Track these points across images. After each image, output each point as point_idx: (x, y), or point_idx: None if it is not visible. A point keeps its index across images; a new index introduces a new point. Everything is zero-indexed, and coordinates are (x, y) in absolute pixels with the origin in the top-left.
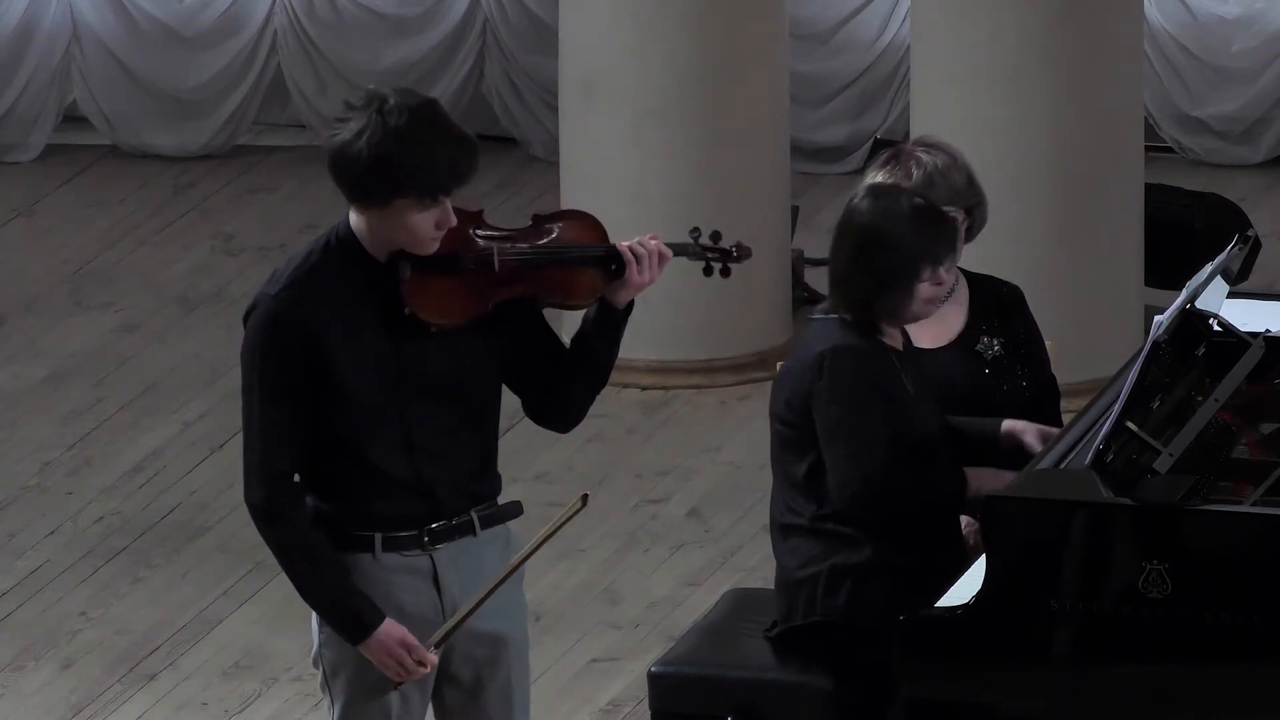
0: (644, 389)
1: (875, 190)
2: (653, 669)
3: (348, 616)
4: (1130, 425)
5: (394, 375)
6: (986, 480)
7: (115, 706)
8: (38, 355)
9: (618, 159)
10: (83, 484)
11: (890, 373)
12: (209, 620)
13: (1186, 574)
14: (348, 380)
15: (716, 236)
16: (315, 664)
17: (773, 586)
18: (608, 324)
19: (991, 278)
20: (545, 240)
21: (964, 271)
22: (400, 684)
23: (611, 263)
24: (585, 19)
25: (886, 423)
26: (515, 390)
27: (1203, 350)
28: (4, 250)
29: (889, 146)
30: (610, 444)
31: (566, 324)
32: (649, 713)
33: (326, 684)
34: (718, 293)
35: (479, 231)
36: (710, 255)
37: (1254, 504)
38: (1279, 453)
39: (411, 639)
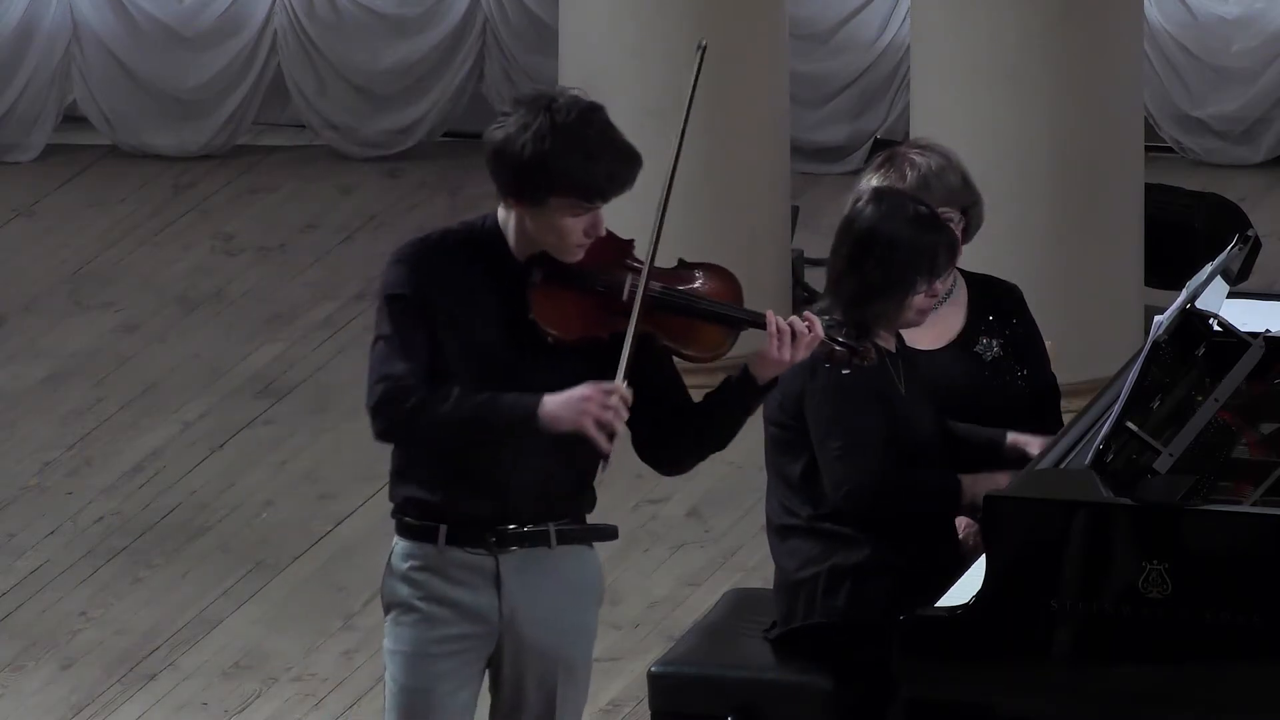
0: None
1: (879, 194)
2: (653, 669)
3: (504, 419)
4: (1130, 425)
5: (499, 372)
6: (982, 485)
7: (115, 706)
8: (38, 355)
9: None
10: (83, 484)
11: (882, 374)
12: (209, 620)
13: (1186, 574)
14: (450, 356)
15: (851, 333)
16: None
17: (772, 587)
18: (742, 394)
19: (990, 277)
20: (683, 285)
21: (962, 272)
22: (614, 436)
23: (745, 328)
24: (585, 19)
25: (879, 423)
26: (629, 425)
27: (1203, 350)
28: (4, 250)
29: (889, 146)
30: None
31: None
32: (649, 713)
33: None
34: None
35: (625, 259)
36: (842, 345)
37: (1254, 504)
38: (1279, 453)
39: (591, 392)
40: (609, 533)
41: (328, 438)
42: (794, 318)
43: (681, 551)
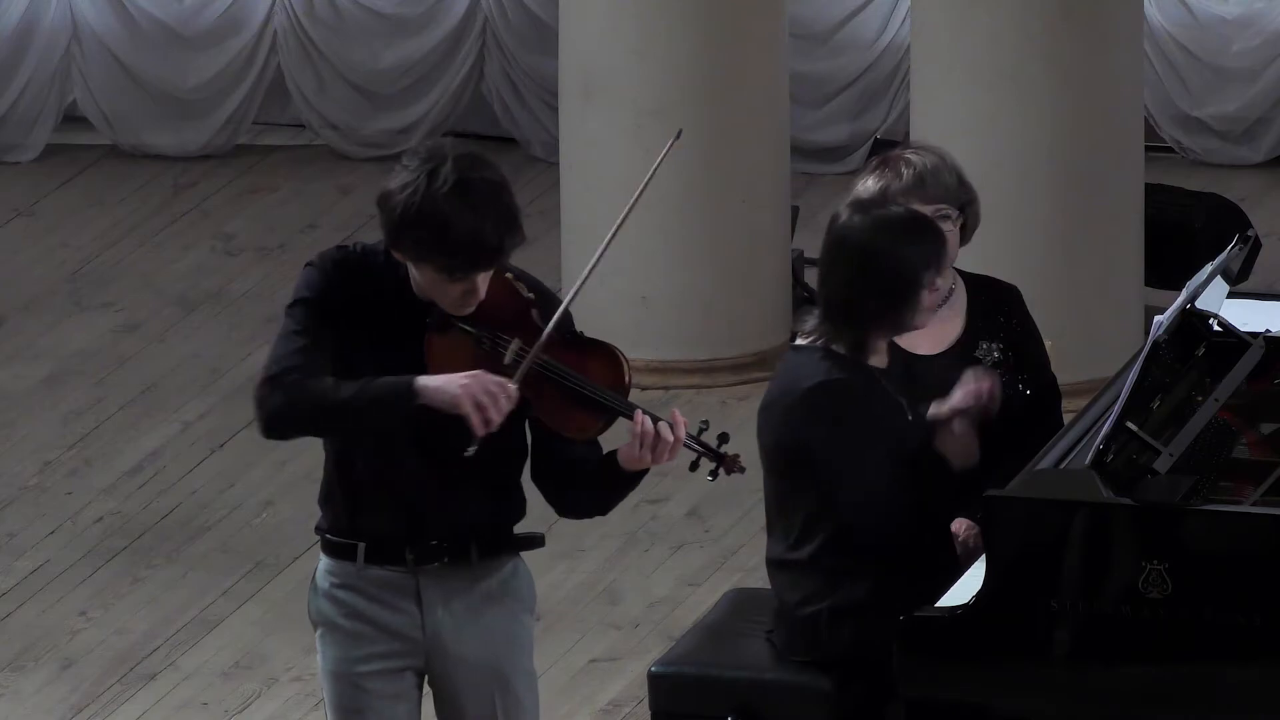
0: (644, 389)
1: (860, 205)
2: (653, 669)
3: (384, 393)
4: (1130, 425)
5: None
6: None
7: (115, 706)
8: (38, 355)
9: (618, 159)
10: (83, 484)
11: (882, 398)
12: (209, 620)
13: (1186, 574)
14: (356, 372)
15: (724, 438)
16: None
17: (774, 613)
18: (612, 478)
19: (989, 278)
20: (569, 361)
21: (960, 272)
22: (489, 422)
23: (615, 418)
24: (585, 19)
25: (888, 447)
26: (531, 454)
27: (1203, 350)
28: (4, 250)
29: (889, 147)
30: (611, 444)
31: None
32: (649, 713)
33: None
34: (718, 293)
35: (522, 320)
36: (709, 456)
37: (1254, 504)
38: (1279, 453)
39: (476, 378)
40: (535, 541)
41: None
42: (662, 422)
43: (681, 551)
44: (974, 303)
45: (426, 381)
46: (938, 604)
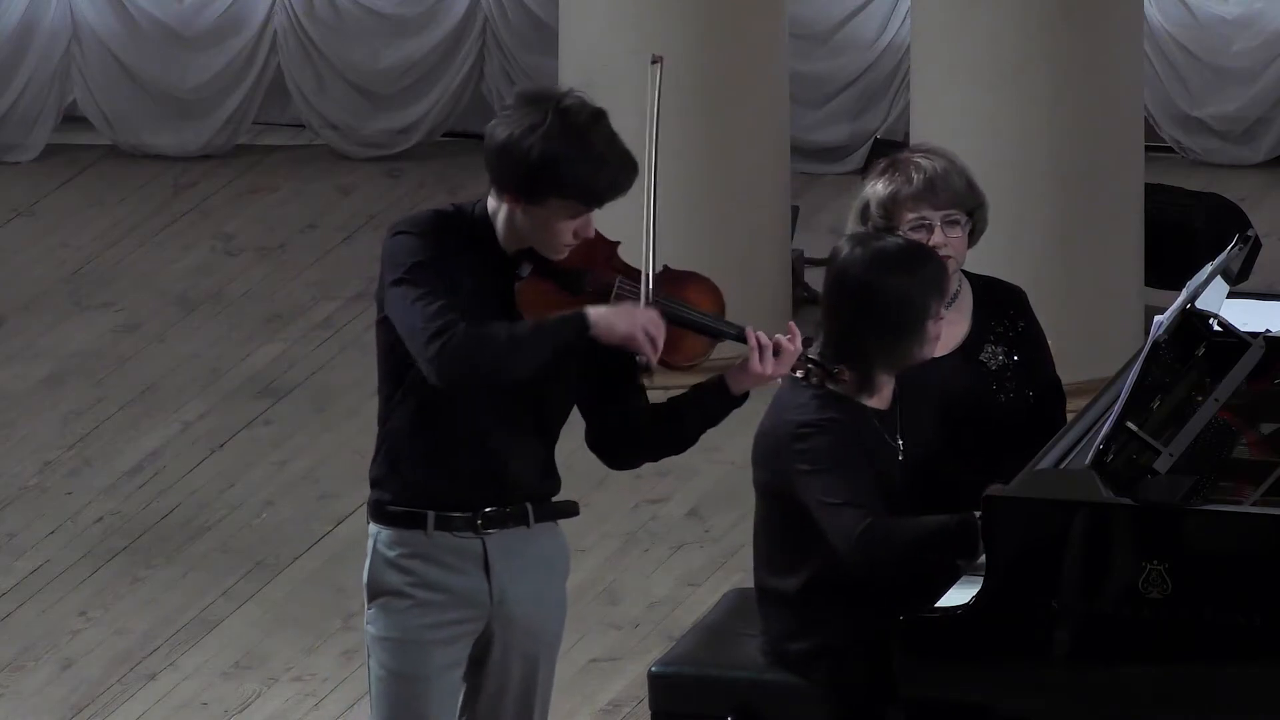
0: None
1: (858, 240)
2: (653, 669)
3: (558, 326)
4: (1130, 425)
5: None
6: None
7: (115, 706)
8: (38, 355)
9: None
10: (83, 484)
11: (869, 437)
12: (209, 620)
13: (1186, 574)
14: None
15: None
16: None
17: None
18: (715, 404)
19: (995, 280)
20: (670, 293)
21: (967, 274)
22: (659, 350)
23: (726, 339)
24: (585, 19)
25: (872, 476)
26: (584, 416)
27: (1203, 350)
28: (4, 250)
29: (889, 147)
30: None
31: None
32: (649, 713)
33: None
34: None
35: (610, 262)
36: (815, 366)
37: (1254, 504)
38: (1279, 453)
39: (644, 315)
40: (573, 509)
41: (328, 438)
42: (778, 336)
43: (681, 551)
44: (979, 305)
45: (601, 315)
46: (938, 604)
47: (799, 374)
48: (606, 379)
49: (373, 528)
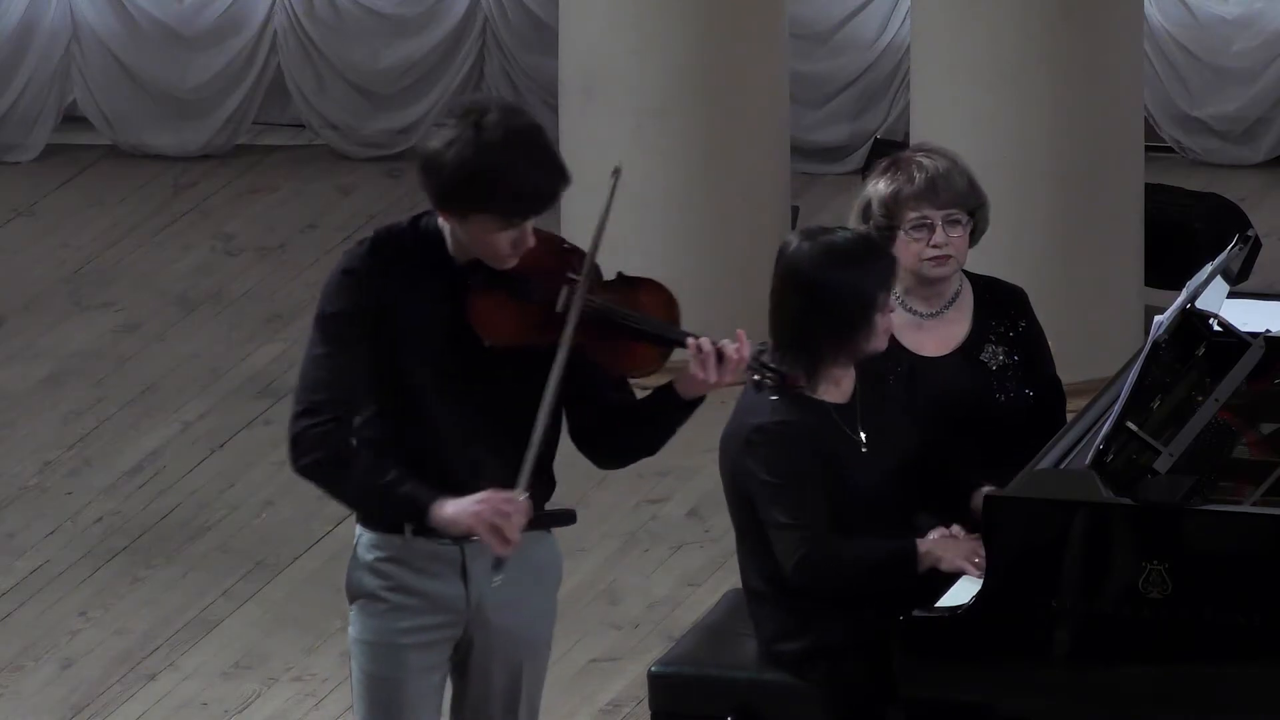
0: (644, 389)
1: (806, 234)
2: (653, 669)
3: (403, 508)
4: (1130, 425)
5: (442, 372)
6: (947, 549)
7: (115, 706)
8: (38, 355)
9: (618, 159)
10: (83, 484)
11: (827, 434)
12: (209, 620)
13: (1186, 574)
14: (404, 359)
15: (781, 359)
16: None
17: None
18: (668, 410)
19: (996, 280)
20: (619, 301)
21: (967, 274)
22: (508, 542)
23: (673, 348)
24: (585, 19)
25: (821, 494)
26: (566, 412)
27: (1203, 350)
28: (4, 250)
29: (889, 147)
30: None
31: None
32: (649, 713)
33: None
34: (718, 292)
35: (565, 270)
36: (767, 372)
37: (1254, 504)
38: (1279, 453)
39: (487, 500)
40: (567, 517)
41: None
42: (724, 341)
43: (681, 551)
44: (980, 305)
45: (444, 511)
46: (938, 604)
47: (754, 379)
48: (581, 379)
49: (357, 530)
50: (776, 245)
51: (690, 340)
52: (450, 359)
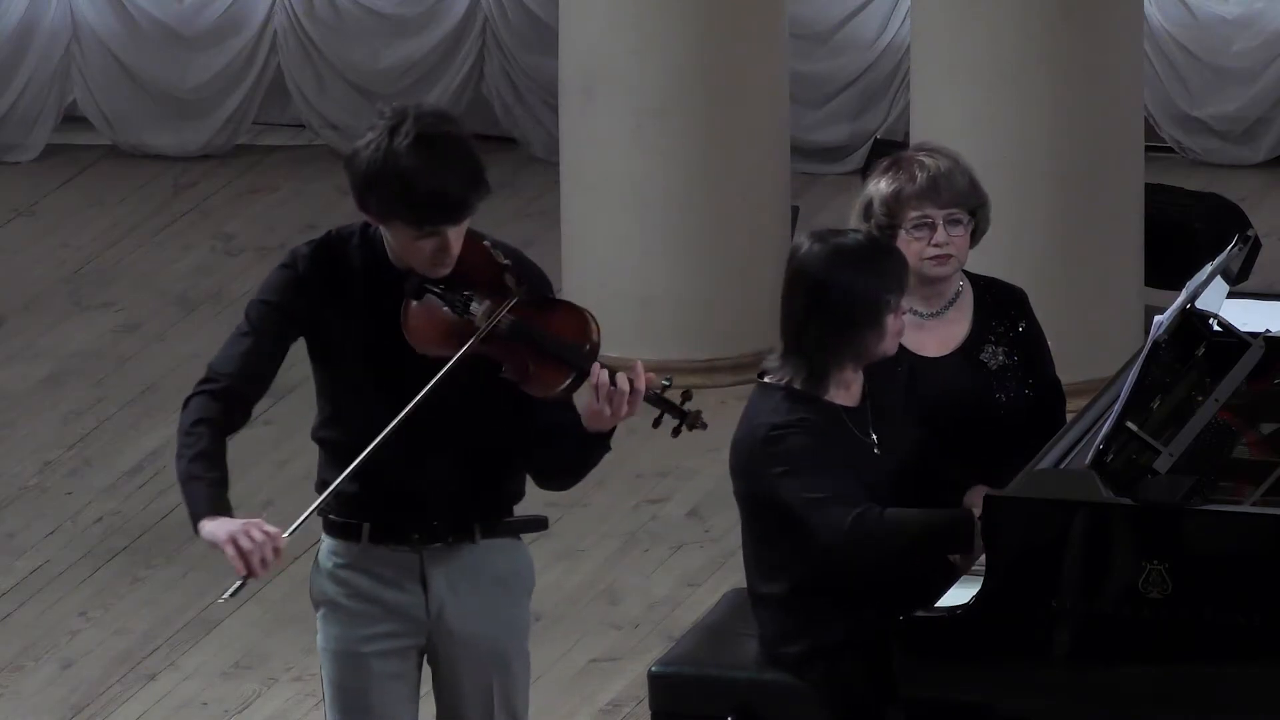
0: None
1: (817, 236)
2: (653, 669)
3: (189, 496)
4: (1130, 425)
5: (382, 377)
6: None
7: (115, 706)
8: (38, 355)
9: (618, 159)
10: (83, 484)
11: (840, 436)
12: (209, 620)
13: (1186, 574)
14: (342, 362)
15: (687, 396)
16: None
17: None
18: (580, 443)
19: (996, 280)
20: (534, 319)
21: (968, 274)
22: (247, 574)
23: (584, 378)
24: (585, 19)
25: (848, 475)
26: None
27: (1203, 350)
28: (4, 250)
29: (889, 147)
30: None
31: None
32: (649, 713)
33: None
34: (718, 293)
35: (497, 283)
36: (670, 411)
37: (1254, 504)
38: (1279, 453)
39: (249, 523)
40: (538, 524)
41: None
42: (620, 374)
43: (681, 551)
44: (980, 305)
45: (206, 525)
46: (938, 604)
47: (654, 422)
48: (519, 394)
49: (321, 535)
50: (777, 245)
51: (594, 368)
52: (388, 365)
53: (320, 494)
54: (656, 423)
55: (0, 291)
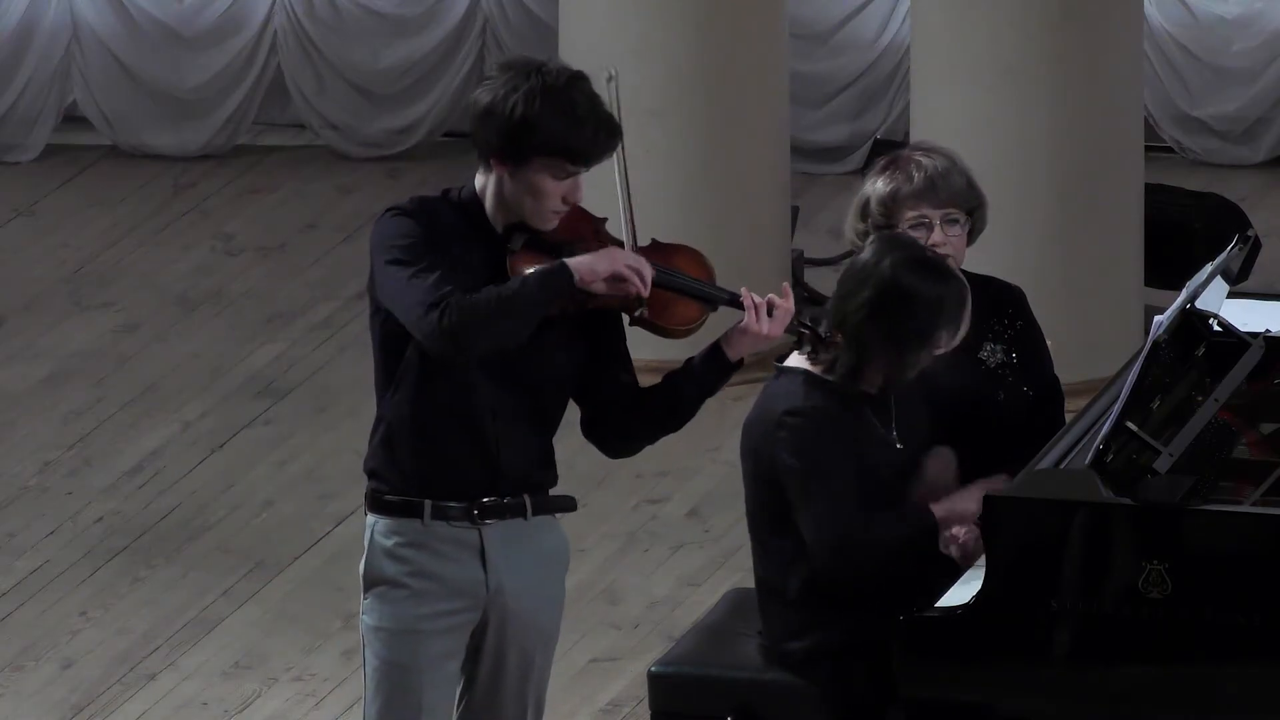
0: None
1: (894, 242)
2: (653, 669)
3: (544, 278)
4: (1130, 425)
5: None
6: (959, 502)
7: (115, 706)
8: (38, 355)
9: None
10: (83, 484)
11: (857, 424)
12: (209, 620)
13: (1186, 574)
14: None
15: (817, 320)
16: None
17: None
18: (711, 371)
19: (993, 278)
20: (660, 261)
21: (965, 273)
22: (645, 282)
23: (720, 305)
24: (585, 19)
25: (851, 478)
26: (578, 401)
27: (1203, 350)
28: (4, 250)
29: (889, 147)
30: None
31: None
32: (649, 713)
33: (363, 649)
34: None
35: (599, 235)
36: (807, 332)
37: (1254, 504)
38: (1279, 453)
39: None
40: (570, 504)
41: (328, 438)
42: (771, 295)
43: (681, 551)
44: (978, 304)
45: (580, 262)
46: (938, 604)
47: (795, 337)
48: (595, 356)
49: (370, 518)
50: (777, 245)
51: (744, 292)
52: None
53: (376, 473)
54: (799, 344)
55: (0, 291)
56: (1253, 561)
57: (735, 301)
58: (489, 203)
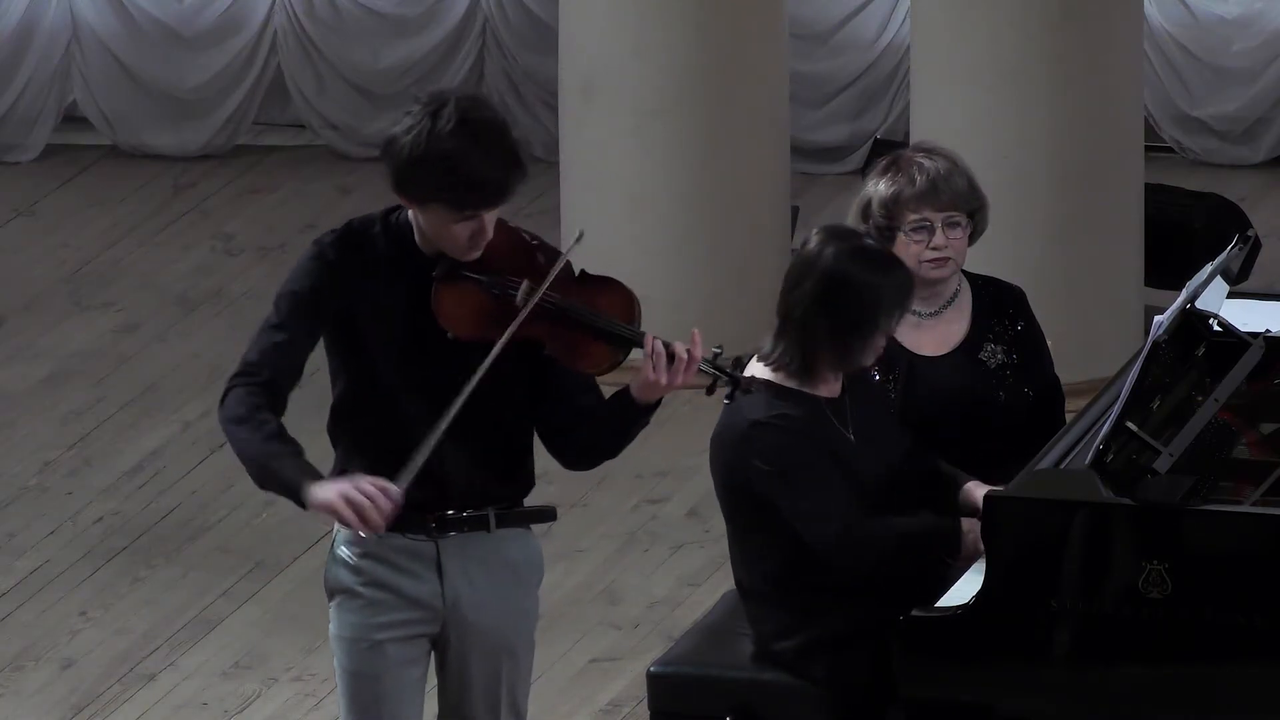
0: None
1: (836, 233)
2: (652, 669)
3: (284, 478)
4: (1130, 425)
5: (411, 366)
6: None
7: (115, 706)
8: (38, 355)
9: (618, 159)
10: (83, 484)
11: (822, 430)
12: (209, 620)
13: (1186, 574)
14: (370, 350)
15: (739, 362)
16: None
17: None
18: (616, 415)
19: (994, 279)
20: (578, 298)
21: (966, 274)
22: (368, 524)
23: (630, 348)
24: (585, 19)
25: (833, 473)
26: (538, 413)
27: (1203, 350)
28: (4, 250)
29: (889, 147)
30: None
31: None
32: (649, 713)
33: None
34: (717, 292)
35: (530, 264)
36: (723, 377)
37: (1254, 504)
38: (1279, 453)
39: (355, 479)
40: (547, 514)
41: (328, 438)
42: (676, 343)
43: (681, 551)
44: (979, 304)
45: (314, 491)
46: (937, 604)
47: (706, 390)
48: (552, 379)
49: (334, 526)
50: (777, 245)
51: (648, 339)
52: (415, 350)
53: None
54: (710, 390)
55: (0, 291)
56: (1253, 561)
57: (638, 343)
58: (416, 231)
